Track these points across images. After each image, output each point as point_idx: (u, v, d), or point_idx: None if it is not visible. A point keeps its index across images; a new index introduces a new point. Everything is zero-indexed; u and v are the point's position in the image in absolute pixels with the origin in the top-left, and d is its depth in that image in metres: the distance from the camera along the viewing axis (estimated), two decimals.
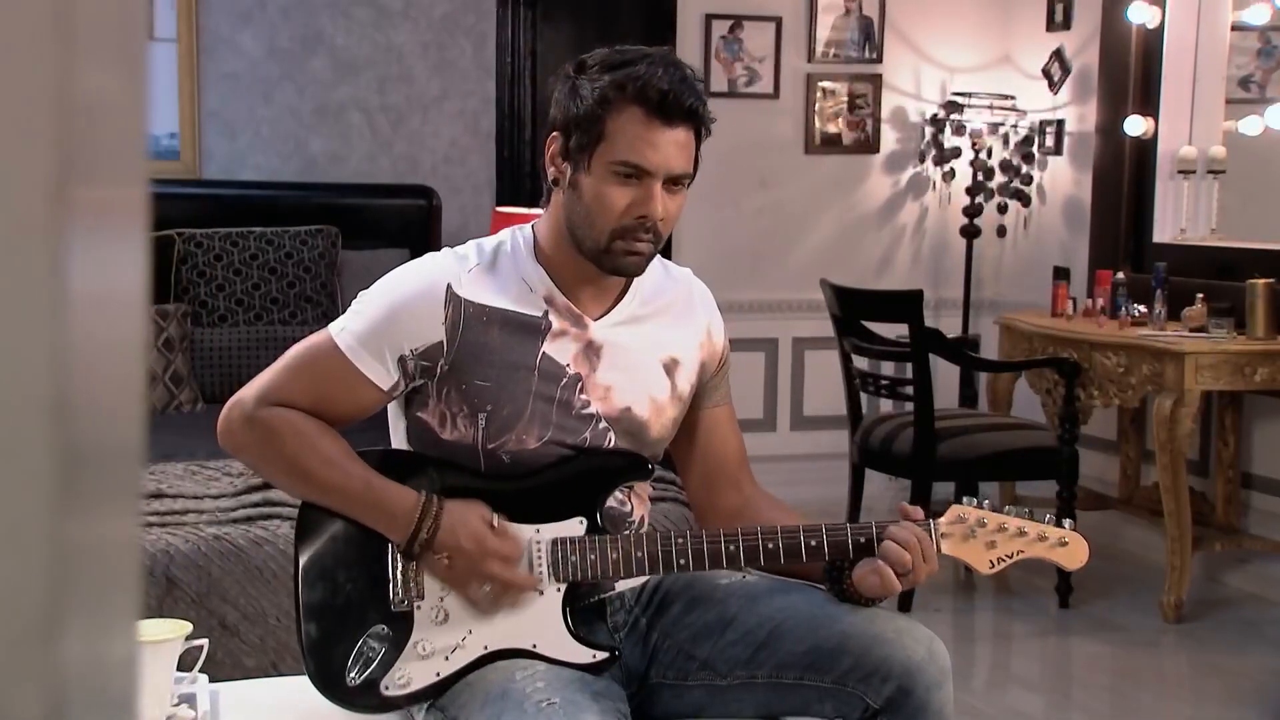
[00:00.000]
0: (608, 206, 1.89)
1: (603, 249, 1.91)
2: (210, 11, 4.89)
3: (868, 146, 5.68)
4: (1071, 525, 1.98)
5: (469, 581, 1.88)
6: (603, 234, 1.90)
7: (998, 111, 5.56)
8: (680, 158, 1.89)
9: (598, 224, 1.90)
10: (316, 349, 1.97)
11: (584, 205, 1.91)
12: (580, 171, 1.91)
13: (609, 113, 1.87)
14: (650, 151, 1.87)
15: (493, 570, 1.87)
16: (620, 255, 1.91)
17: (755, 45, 5.48)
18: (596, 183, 1.89)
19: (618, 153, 1.87)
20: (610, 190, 1.88)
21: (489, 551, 1.87)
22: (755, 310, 5.58)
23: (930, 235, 5.81)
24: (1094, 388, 4.53)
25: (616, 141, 1.87)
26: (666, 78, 1.86)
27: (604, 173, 1.89)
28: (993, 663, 4.38)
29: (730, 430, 2.18)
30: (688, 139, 1.90)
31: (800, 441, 5.61)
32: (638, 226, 1.89)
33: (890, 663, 1.91)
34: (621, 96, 1.86)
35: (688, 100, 1.87)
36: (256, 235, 4.46)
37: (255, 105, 4.95)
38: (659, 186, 1.88)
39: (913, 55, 5.72)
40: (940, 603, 4.52)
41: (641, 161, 1.87)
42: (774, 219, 5.61)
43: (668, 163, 1.88)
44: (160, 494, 2.71)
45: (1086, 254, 5.34)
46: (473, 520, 1.89)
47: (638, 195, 1.88)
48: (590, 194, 1.90)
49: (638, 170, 1.87)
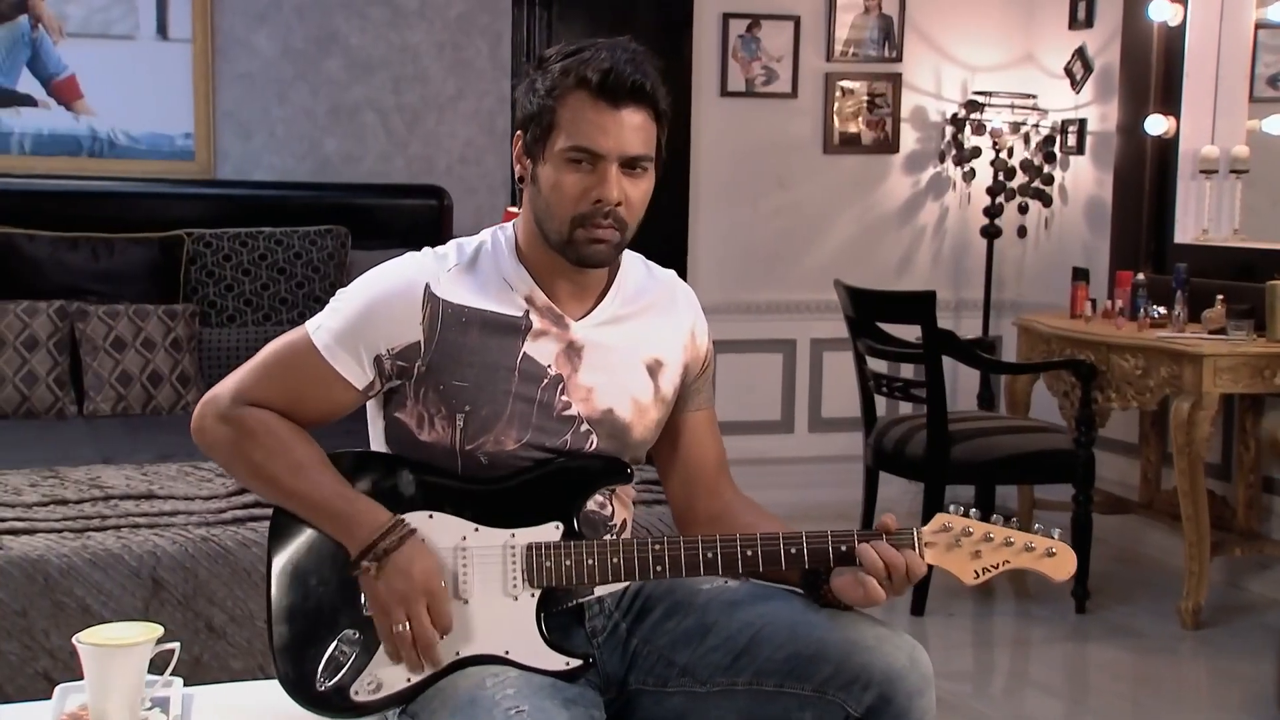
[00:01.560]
0: (563, 194, 1.87)
1: (566, 239, 1.89)
2: (225, 12, 4.89)
3: (887, 146, 5.63)
4: (1059, 535, 1.93)
5: (394, 609, 1.83)
6: (563, 223, 1.88)
7: (1019, 111, 5.50)
8: (635, 139, 1.87)
9: (557, 214, 1.88)
10: (292, 347, 1.95)
11: (544, 198, 1.90)
12: (539, 164, 1.90)
13: (558, 102, 1.86)
14: (599, 134, 1.85)
15: (418, 611, 1.82)
16: (584, 244, 1.89)
17: (773, 44, 5.44)
18: (552, 172, 1.88)
19: (568, 139, 1.86)
20: (565, 178, 1.87)
21: (429, 592, 1.83)
22: (773, 311, 5.54)
23: (951, 236, 5.75)
24: (1111, 390, 4.47)
25: (567, 128, 1.86)
26: (609, 59, 1.84)
27: (558, 161, 1.87)
28: (1008, 669, 4.33)
29: (710, 435, 2.14)
30: (644, 121, 1.87)
31: (818, 444, 5.57)
32: (595, 212, 1.87)
33: (870, 670, 1.87)
34: (567, 83, 1.85)
35: (630, 77, 1.84)
36: (265, 235, 4.45)
37: (270, 105, 4.95)
38: (614, 169, 1.86)
39: (933, 54, 5.66)
40: (955, 607, 4.47)
41: (590, 144, 1.85)
42: (792, 219, 5.57)
43: (620, 145, 1.85)
44: (151, 495, 2.71)
45: (1108, 255, 5.27)
46: (431, 561, 1.85)
47: (592, 180, 1.86)
48: (547, 184, 1.89)
49: (589, 154, 1.86)
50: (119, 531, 2.53)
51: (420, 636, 1.83)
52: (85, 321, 4.03)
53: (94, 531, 2.53)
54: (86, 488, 2.74)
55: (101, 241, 4.33)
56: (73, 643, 1.87)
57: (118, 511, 2.61)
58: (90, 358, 3.99)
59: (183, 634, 2.47)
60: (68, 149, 4.78)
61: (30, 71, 4.76)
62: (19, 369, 3.93)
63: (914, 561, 1.91)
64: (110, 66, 4.81)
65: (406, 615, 1.83)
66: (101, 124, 4.81)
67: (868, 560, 1.89)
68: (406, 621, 1.83)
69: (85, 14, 4.78)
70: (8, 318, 3.98)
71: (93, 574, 2.46)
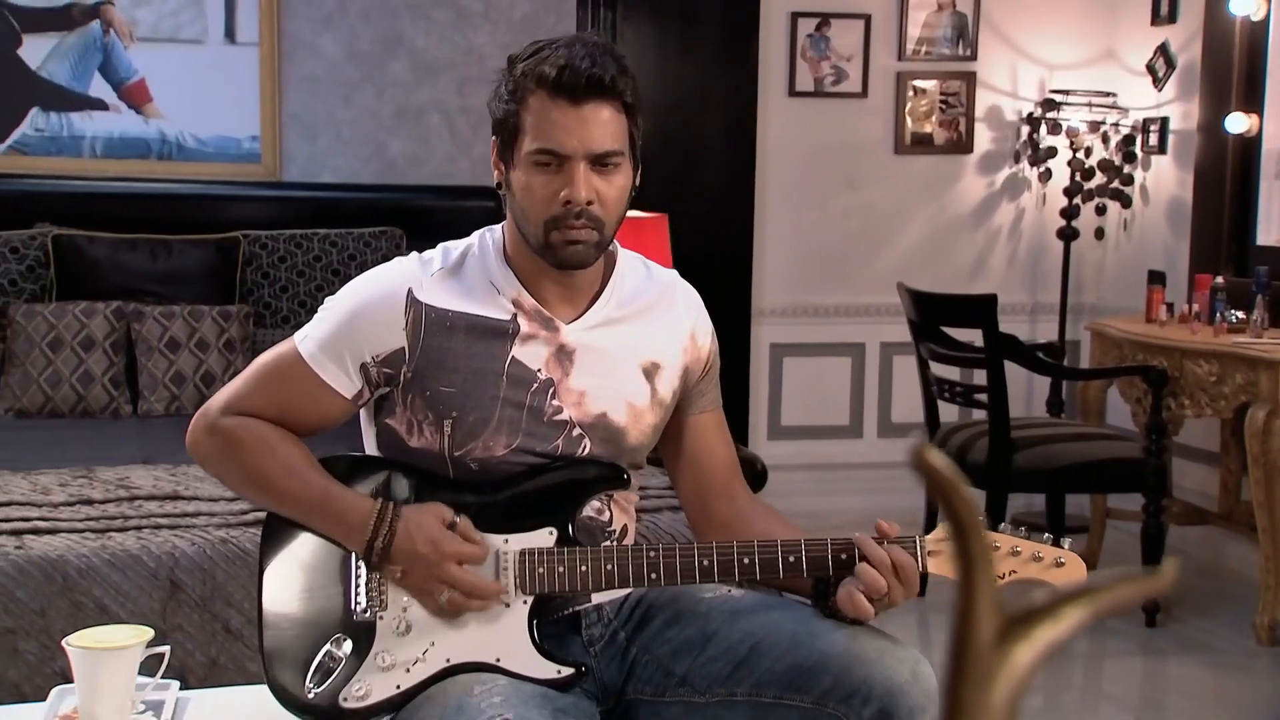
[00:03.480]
0: (533, 197, 1.84)
1: (543, 243, 1.86)
2: (292, 15, 4.93)
3: (960, 146, 5.51)
4: (1069, 545, 1.86)
5: (428, 588, 1.82)
6: (538, 227, 1.85)
7: (1097, 109, 5.35)
8: (600, 135, 1.82)
9: (531, 218, 1.85)
10: (280, 357, 1.94)
11: (518, 203, 1.87)
12: (511, 169, 1.87)
13: (520, 104, 1.83)
14: (561, 134, 1.81)
15: (451, 574, 1.81)
16: (561, 247, 1.85)
17: (843, 43, 5.36)
18: (522, 176, 1.85)
19: (532, 141, 1.82)
20: (533, 181, 1.83)
21: (446, 554, 1.81)
22: (841, 314, 5.46)
23: (1027, 238, 5.62)
24: (1184, 397, 4.33)
25: (531, 131, 1.82)
26: (565, 55, 1.80)
27: (526, 165, 1.84)
28: (1075, 682, 4.20)
29: (718, 438, 2.09)
30: (610, 115, 1.83)
31: (887, 449, 5.47)
32: (567, 214, 1.83)
33: (871, 683, 1.81)
34: (527, 85, 1.82)
35: (586, 72, 1.79)
36: (320, 237, 4.47)
37: (335, 108, 4.98)
38: (581, 168, 1.82)
39: (1009, 52, 5.54)
40: None
41: (553, 145, 1.81)
42: (862, 221, 5.48)
43: (585, 143, 1.81)
44: (176, 495, 2.72)
45: (1187, 257, 5.12)
46: (429, 523, 1.83)
47: (559, 181, 1.82)
48: (519, 189, 1.86)
49: (554, 155, 1.82)
50: (140, 532, 2.54)
51: (469, 589, 1.82)
52: (141, 322, 4.08)
53: (115, 532, 2.54)
54: (114, 488, 2.75)
55: (160, 243, 4.38)
56: (62, 645, 1.87)
57: (141, 512, 2.62)
58: (145, 358, 4.04)
59: (199, 636, 2.48)
60: (137, 152, 4.84)
61: (102, 76, 4.83)
62: (76, 369, 3.98)
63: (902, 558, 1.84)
64: (179, 70, 4.86)
65: (444, 586, 1.82)
66: (170, 127, 4.87)
67: (865, 575, 1.83)
68: (448, 589, 1.82)
69: (155, 19, 4.84)
70: (66, 318, 4.04)
71: (111, 574, 2.47)
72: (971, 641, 0.48)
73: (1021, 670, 0.49)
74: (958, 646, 0.48)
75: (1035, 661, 0.50)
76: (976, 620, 0.48)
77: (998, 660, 0.48)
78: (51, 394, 3.96)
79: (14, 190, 4.54)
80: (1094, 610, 0.50)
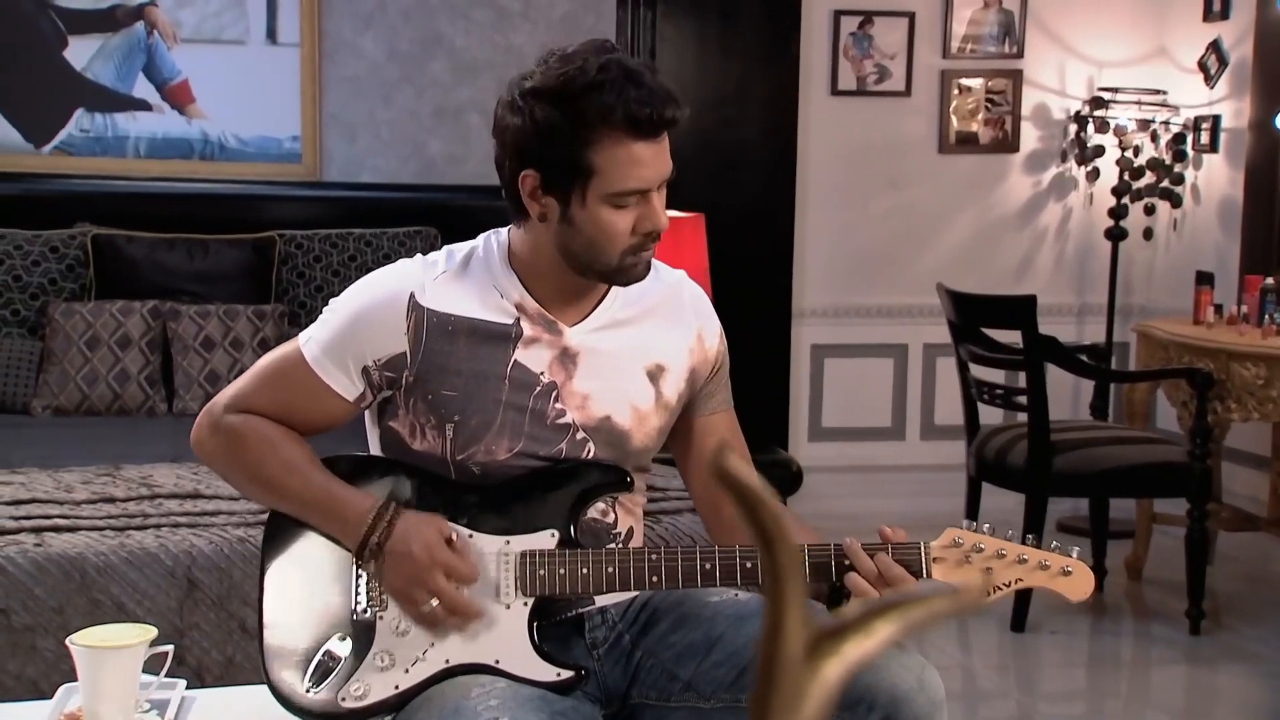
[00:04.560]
0: (614, 234, 1.81)
1: (615, 268, 1.85)
2: (332, 16, 4.95)
3: (1006, 145, 5.44)
4: (1077, 554, 1.81)
5: (412, 593, 1.81)
6: (613, 257, 1.84)
7: (1146, 107, 5.27)
8: (667, 161, 1.83)
9: (607, 250, 1.83)
10: (284, 358, 1.94)
11: (585, 237, 1.83)
12: (572, 207, 1.82)
13: (591, 147, 1.77)
14: (644, 171, 1.79)
15: (438, 583, 1.80)
16: (633, 268, 1.86)
17: (886, 41, 5.30)
18: (595, 215, 1.81)
19: (613, 184, 1.78)
20: (612, 219, 1.81)
21: (438, 563, 1.80)
22: (884, 315, 5.40)
23: (1074, 238, 5.54)
24: (1231, 400, 4.25)
25: (608, 174, 1.78)
26: (642, 98, 1.75)
27: (600, 205, 1.80)
28: (1111, 690, 4.13)
29: (729, 439, 2.06)
30: (664, 140, 1.82)
31: (930, 451, 5.41)
32: (646, 241, 1.84)
33: (876, 690, 1.79)
34: (603, 128, 1.76)
35: (670, 113, 1.78)
36: (356, 237, 4.49)
37: (375, 108, 4.99)
38: (655, 196, 1.83)
39: (1057, 49, 5.46)
40: (1058, 624, 4.28)
41: (639, 185, 1.80)
42: (905, 221, 5.42)
43: (660, 173, 1.82)
44: (197, 494, 2.72)
45: (1238, 258, 5.02)
46: (427, 530, 1.82)
47: (641, 213, 1.82)
48: (591, 226, 1.82)
49: (638, 193, 1.80)
50: (158, 531, 2.55)
51: (451, 604, 1.81)
52: (177, 321, 4.11)
53: (134, 530, 2.55)
54: (136, 486, 2.77)
55: (197, 242, 4.41)
56: (65, 644, 1.88)
57: (161, 511, 2.63)
58: (181, 357, 4.06)
59: (216, 635, 2.48)
60: (180, 152, 4.88)
61: (145, 77, 4.87)
62: (112, 367, 4.01)
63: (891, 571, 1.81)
64: (221, 71, 4.89)
65: (429, 593, 1.80)
66: (213, 127, 4.90)
67: (855, 586, 1.80)
68: (432, 599, 1.80)
69: (198, 20, 4.88)
70: (103, 317, 4.07)
71: (129, 572, 2.48)
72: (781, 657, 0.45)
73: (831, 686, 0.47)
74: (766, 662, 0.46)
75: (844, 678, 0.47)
76: (786, 635, 0.46)
77: (808, 676, 0.45)
78: (88, 392, 3.99)
79: (56, 190, 4.59)
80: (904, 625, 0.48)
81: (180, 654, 2.45)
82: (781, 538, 0.47)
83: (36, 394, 4.00)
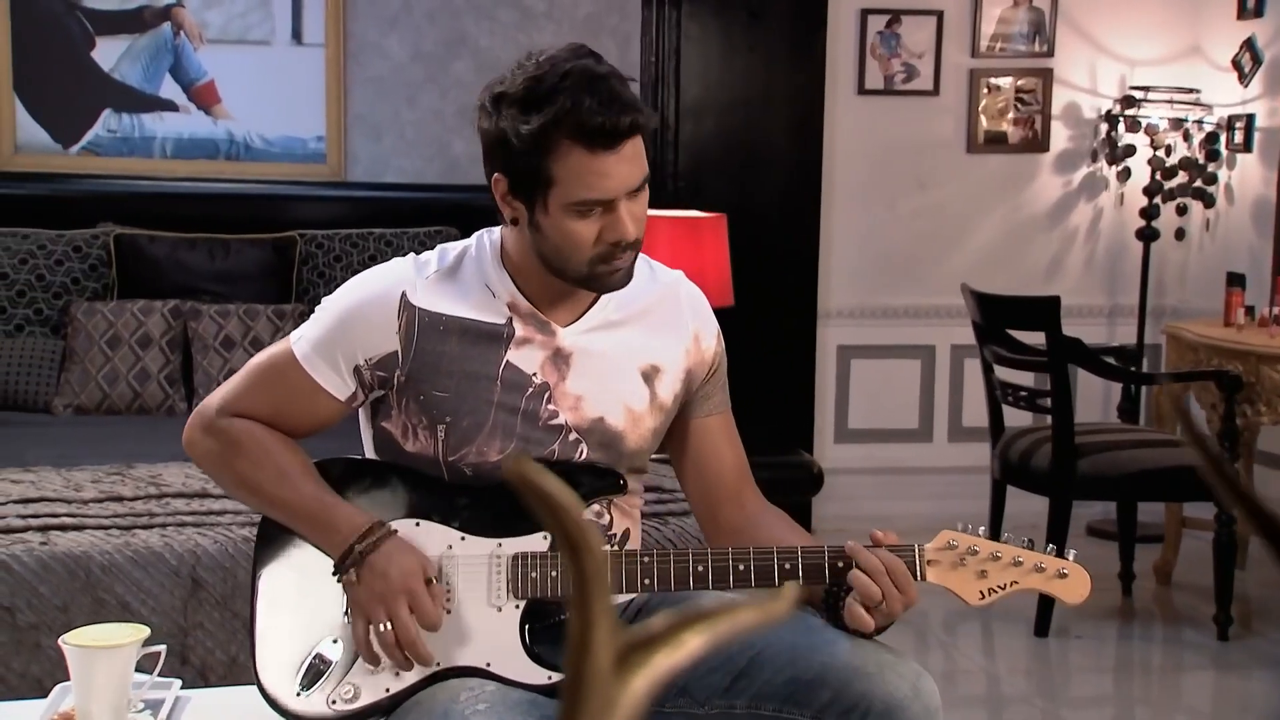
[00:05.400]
0: (577, 243, 1.79)
1: (585, 276, 1.83)
2: (357, 16, 4.95)
3: (1036, 145, 5.38)
4: (1074, 557, 1.78)
5: (373, 609, 1.78)
6: (581, 265, 1.81)
7: (1178, 106, 5.20)
8: (633, 170, 1.79)
9: (573, 258, 1.81)
10: (276, 357, 1.93)
11: (552, 244, 1.81)
12: (538, 214, 1.80)
13: (549, 156, 1.75)
14: (605, 182, 1.76)
15: (399, 611, 1.77)
16: (606, 277, 1.84)
17: (914, 40, 5.26)
18: (558, 223, 1.79)
19: (571, 194, 1.76)
20: (575, 227, 1.78)
21: (408, 590, 1.78)
22: (911, 316, 5.36)
23: (1105, 239, 5.48)
24: (1261, 403, 4.18)
25: (567, 184, 1.76)
26: (597, 104, 1.73)
27: (562, 214, 1.78)
28: (1149, 697, 4.08)
29: (726, 441, 2.04)
30: (634, 147, 1.79)
31: (957, 454, 5.36)
32: (614, 250, 1.80)
33: (870, 698, 1.77)
34: (556, 137, 1.74)
35: (626, 121, 1.75)
36: (376, 236, 4.49)
37: (399, 108, 5.00)
38: (623, 206, 1.79)
39: (1088, 47, 5.40)
40: (1082, 629, 4.22)
41: (599, 195, 1.77)
42: (932, 221, 5.37)
43: (624, 183, 1.78)
44: (205, 493, 2.72)
45: (1271, 258, 4.95)
46: (410, 561, 1.81)
47: (605, 223, 1.79)
48: (555, 234, 1.80)
49: (599, 203, 1.77)
50: (164, 530, 2.56)
51: (401, 635, 1.78)
52: (198, 321, 4.12)
53: (140, 529, 2.55)
54: (145, 485, 2.77)
55: (218, 242, 4.42)
56: (58, 643, 1.88)
57: (168, 510, 2.63)
58: (201, 356, 4.08)
59: (220, 634, 2.48)
60: (206, 152, 4.90)
61: (172, 77, 4.89)
62: (132, 366, 4.03)
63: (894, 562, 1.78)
64: (247, 72, 4.91)
65: (387, 615, 1.78)
66: (238, 128, 4.92)
67: (857, 583, 1.78)
68: (387, 621, 1.78)
69: (224, 21, 4.89)
70: (125, 316, 4.09)
71: (134, 571, 2.48)
72: (589, 670, 0.43)
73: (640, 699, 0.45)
74: (574, 674, 0.44)
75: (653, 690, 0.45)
76: (594, 647, 0.44)
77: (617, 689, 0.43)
78: (109, 391, 4.01)
79: (82, 190, 4.62)
80: (712, 635, 0.46)
81: (184, 653, 2.46)
82: (586, 546, 0.45)
83: (58, 393, 4.03)
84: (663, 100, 5.02)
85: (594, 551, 0.45)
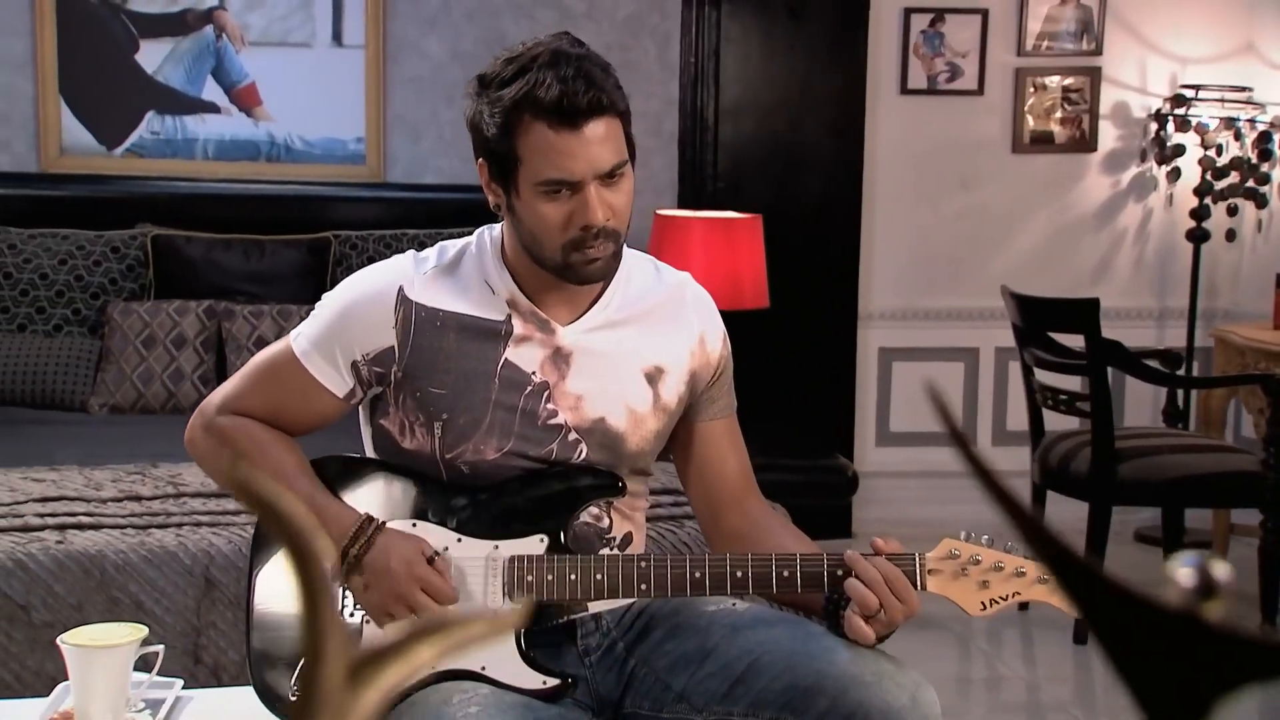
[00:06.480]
0: (546, 226, 1.77)
1: (561, 264, 1.81)
2: (397, 17, 4.96)
3: (1083, 145, 5.30)
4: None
5: (390, 607, 1.77)
6: (554, 252, 1.79)
7: (1230, 105, 5.10)
8: (605, 152, 1.76)
9: (546, 244, 1.79)
10: (276, 354, 1.93)
11: (526, 228, 1.80)
12: (512, 197, 1.80)
13: (514, 135, 1.75)
14: (568, 161, 1.74)
15: (418, 599, 1.77)
16: (581, 266, 1.81)
17: (958, 39, 5.19)
18: (528, 205, 1.78)
19: (537, 173, 1.75)
20: (544, 209, 1.77)
21: (416, 577, 1.77)
22: (954, 318, 5.29)
23: (1154, 240, 5.38)
24: None
25: (532, 162, 1.75)
26: (555, 79, 1.71)
27: (532, 195, 1.77)
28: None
29: (729, 446, 2.01)
30: (608, 129, 1.76)
31: (1002, 457, 5.28)
32: (585, 236, 1.77)
33: (868, 707, 1.73)
34: (519, 114, 1.73)
35: (585, 96, 1.72)
36: (410, 237, 4.49)
37: (438, 109, 5.00)
38: (592, 189, 1.76)
39: (1138, 46, 5.31)
40: None
41: (563, 175, 1.74)
42: (976, 222, 5.30)
43: (592, 165, 1.75)
44: (222, 494, 2.73)
45: None
46: (407, 547, 1.80)
47: (573, 206, 1.76)
48: (527, 217, 1.79)
49: (564, 184, 1.75)
50: (179, 529, 2.56)
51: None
52: (231, 321, 4.14)
53: (155, 528, 2.56)
54: (164, 484, 2.78)
55: (253, 243, 4.44)
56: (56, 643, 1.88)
57: (184, 509, 2.64)
58: (235, 356, 4.09)
59: (233, 634, 2.48)
60: (247, 154, 4.92)
61: (214, 80, 4.92)
62: (167, 366, 4.06)
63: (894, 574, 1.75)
64: (288, 73, 4.93)
65: (409, 609, 1.77)
66: (279, 129, 4.94)
67: (855, 592, 1.74)
68: (409, 614, 1.78)
69: (265, 23, 4.91)
70: (160, 316, 4.12)
71: (148, 570, 2.49)
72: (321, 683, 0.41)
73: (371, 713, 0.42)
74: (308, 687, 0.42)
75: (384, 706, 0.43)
76: (326, 661, 0.41)
77: (349, 705, 0.41)
78: (143, 391, 4.04)
79: (122, 192, 4.65)
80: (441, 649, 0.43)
81: (197, 653, 2.46)
82: (313, 555, 0.42)
83: (94, 392, 4.06)
84: (702, 100, 4.99)
85: (320, 565, 0.43)
